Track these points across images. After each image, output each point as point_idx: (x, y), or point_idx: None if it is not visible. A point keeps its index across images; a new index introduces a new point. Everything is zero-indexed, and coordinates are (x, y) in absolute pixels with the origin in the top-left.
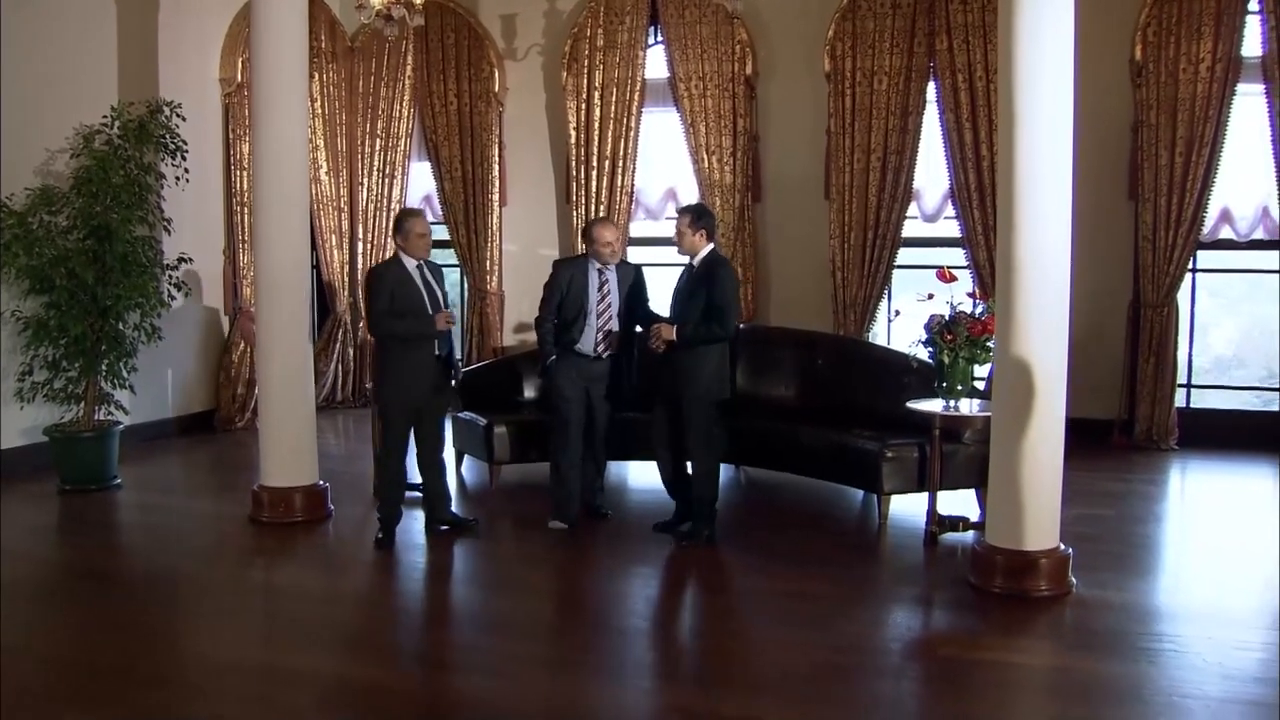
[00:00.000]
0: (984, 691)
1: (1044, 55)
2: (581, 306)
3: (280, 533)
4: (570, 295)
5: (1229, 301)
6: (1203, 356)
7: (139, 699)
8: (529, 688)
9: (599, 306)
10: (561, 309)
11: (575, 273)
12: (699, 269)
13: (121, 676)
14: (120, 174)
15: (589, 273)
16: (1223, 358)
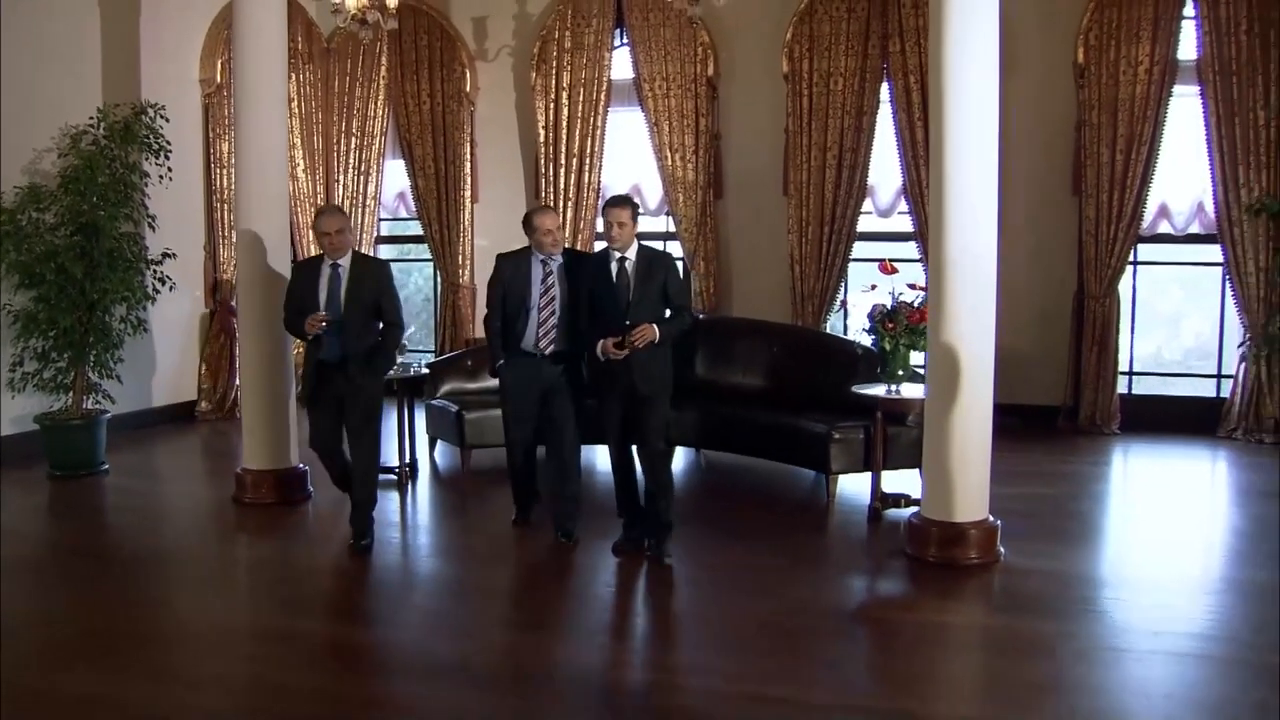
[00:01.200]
0: (916, 647)
1: (970, 72)
2: (523, 301)
3: (262, 512)
4: (513, 290)
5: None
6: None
7: (134, 657)
8: (494, 645)
9: (541, 301)
10: (505, 304)
11: (518, 266)
12: (640, 263)
13: (117, 638)
14: (106, 173)
15: (532, 265)
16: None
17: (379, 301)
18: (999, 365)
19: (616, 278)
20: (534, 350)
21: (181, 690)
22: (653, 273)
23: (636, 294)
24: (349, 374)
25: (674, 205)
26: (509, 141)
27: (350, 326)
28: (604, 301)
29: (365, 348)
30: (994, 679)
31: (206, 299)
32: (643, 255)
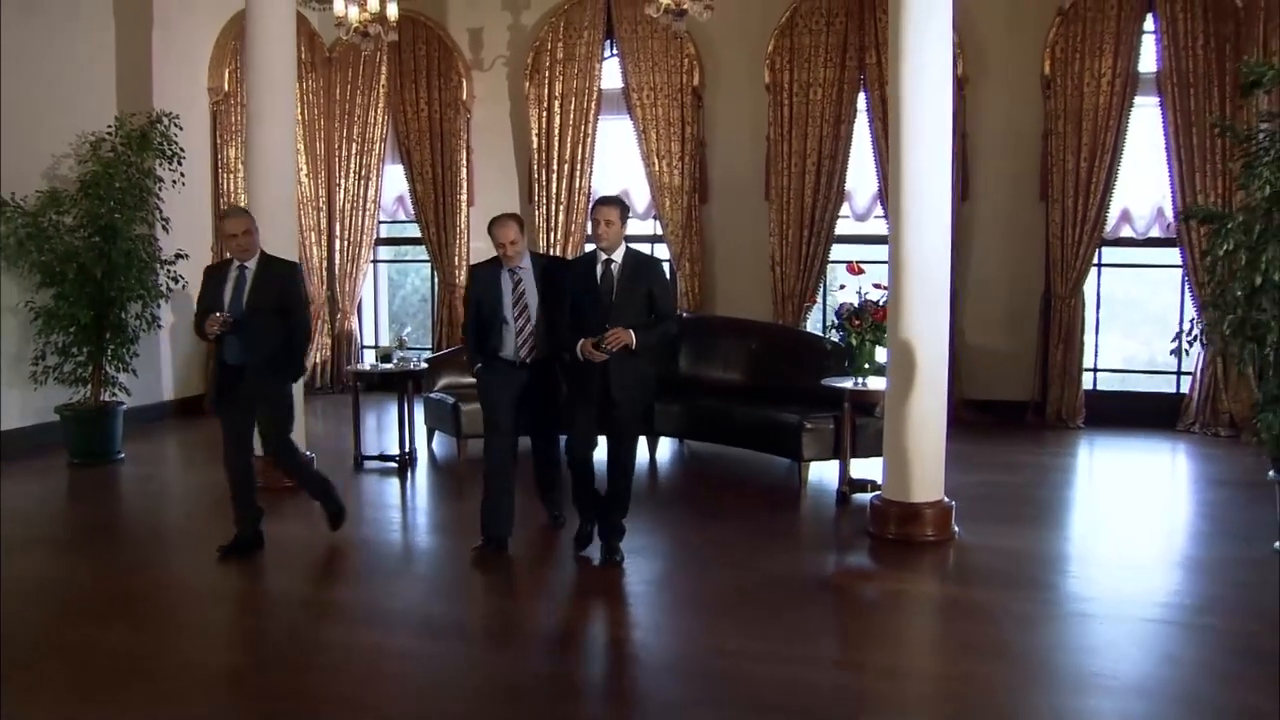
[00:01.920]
0: (873, 611)
1: (925, 90)
2: (496, 312)
3: (271, 496)
4: (486, 301)
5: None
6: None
7: (151, 612)
8: (483, 607)
9: (514, 311)
10: (479, 314)
11: (489, 277)
12: (626, 266)
13: (134, 599)
14: (123, 178)
15: (502, 276)
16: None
17: (285, 303)
18: (971, 363)
19: (601, 279)
20: (514, 358)
21: (206, 643)
22: (638, 277)
23: (619, 297)
24: (250, 377)
25: (661, 209)
26: (504, 147)
27: (252, 328)
28: (586, 303)
29: (269, 350)
30: (942, 637)
31: None
32: (630, 259)
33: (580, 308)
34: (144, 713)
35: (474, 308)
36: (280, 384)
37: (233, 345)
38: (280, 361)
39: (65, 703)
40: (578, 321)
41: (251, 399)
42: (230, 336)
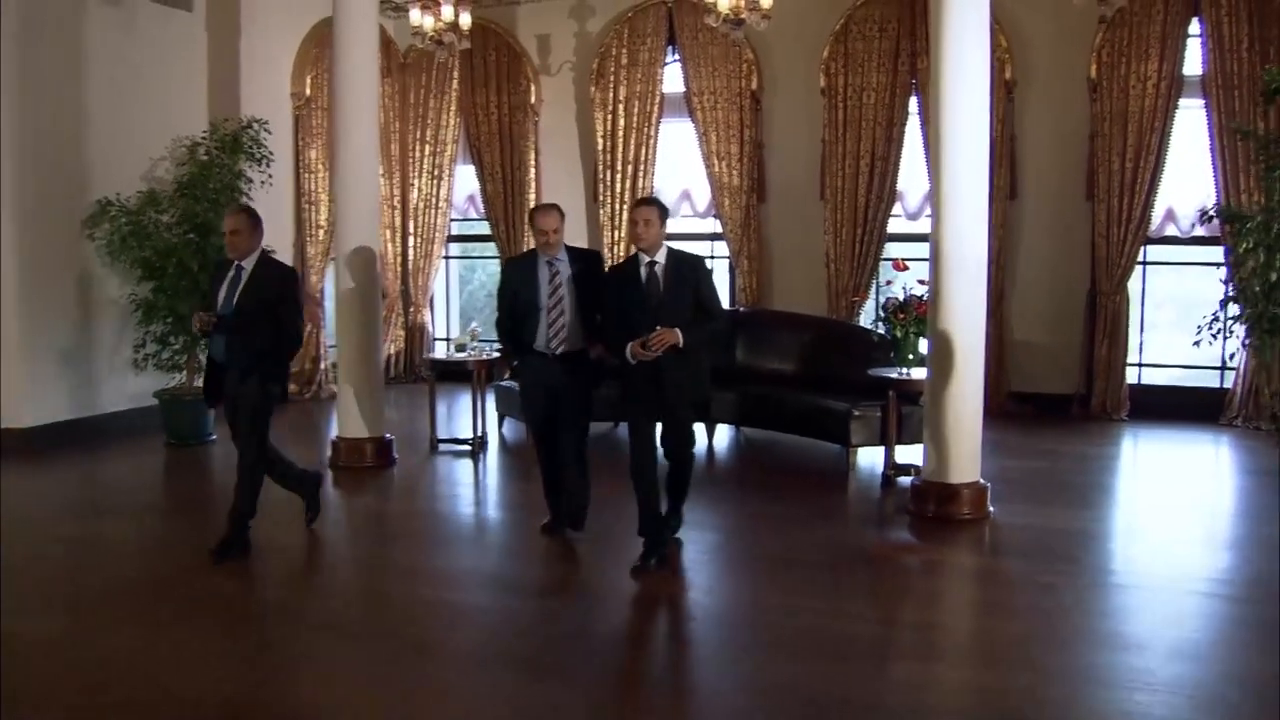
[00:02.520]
0: (908, 577)
1: (964, 101)
2: (532, 303)
3: (355, 474)
4: (521, 293)
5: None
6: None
7: (248, 568)
8: (549, 567)
9: (549, 302)
10: (515, 308)
11: (524, 270)
12: (669, 266)
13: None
14: (217, 180)
15: (539, 268)
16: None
17: (276, 306)
18: (1018, 357)
19: (646, 281)
20: (545, 350)
21: (302, 593)
22: (682, 276)
23: (665, 297)
24: (231, 375)
25: (720, 208)
26: (570, 149)
27: (236, 328)
28: (632, 305)
29: (252, 351)
30: (972, 600)
31: None
32: (672, 259)
33: (627, 312)
34: (257, 645)
35: (508, 299)
36: (256, 384)
37: (218, 343)
38: (263, 363)
39: (194, 638)
40: (625, 326)
41: (234, 396)
42: (216, 334)
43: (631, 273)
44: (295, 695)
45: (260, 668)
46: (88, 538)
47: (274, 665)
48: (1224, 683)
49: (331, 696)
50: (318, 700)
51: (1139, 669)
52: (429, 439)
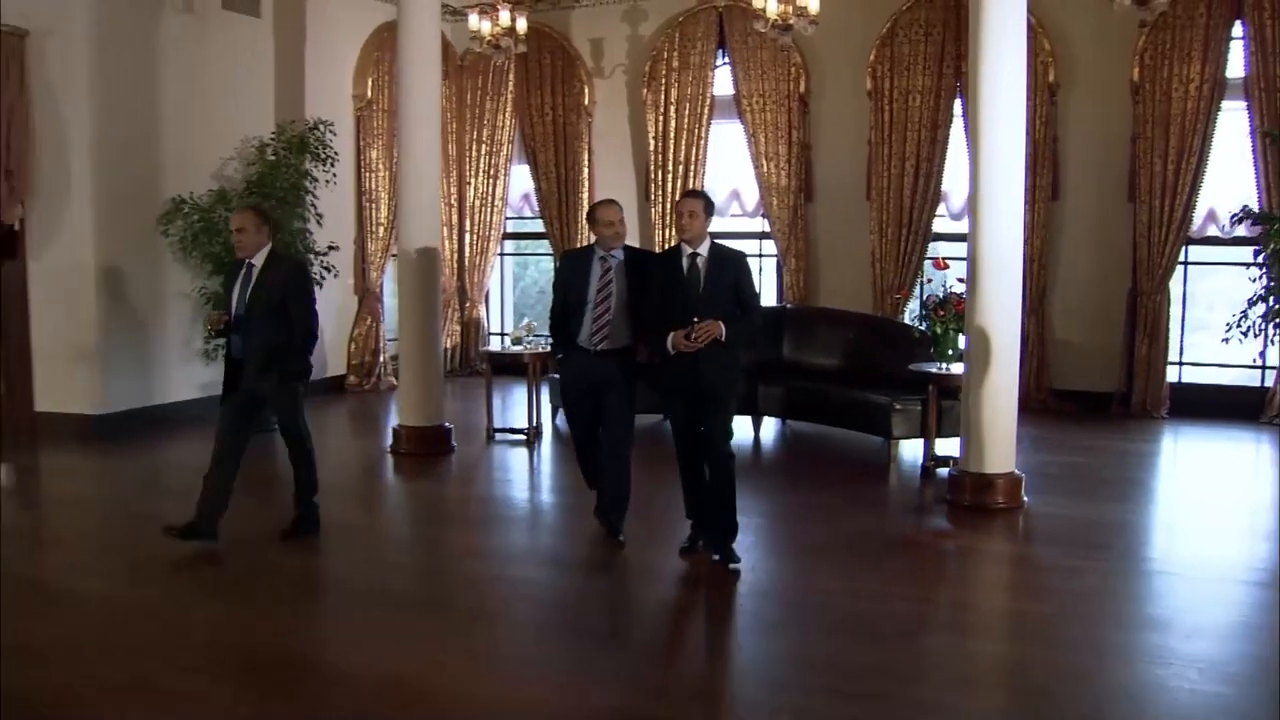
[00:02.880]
0: (943, 560)
1: (1001, 103)
2: (580, 298)
3: (415, 460)
4: (572, 287)
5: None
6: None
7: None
8: (600, 548)
9: (597, 297)
10: (566, 301)
11: (578, 264)
12: (712, 259)
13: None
14: (284, 179)
15: (592, 263)
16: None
17: (287, 301)
18: (1059, 355)
19: (687, 273)
20: (588, 345)
21: (367, 568)
22: (724, 270)
23: (706, 289)
24: (248, 372)
25: (769, 208)
26: (622, 149)
27: (249, 325)
28: (673, 296)
29: (266, 347)
30: (1004, 582)
31: (356, 286)
32: (715, 252)
33: (667, 301)
34: (326, 614)
35: (560, 293)
36: (277, 381)
37: (235, 341)
38: (277, 358)
39: (270, 607)
40: (665, 315)
41: (250, 392)
42: (233, 333)
43: (674, 263)
44: (363, 659)
45: (332, 634)
46: (166, 515)
47: (344, 632)
48: (1240, 661)
49: (399, 662)
50: (385, 664)
51: (1158, 646)
52: (485, 428)
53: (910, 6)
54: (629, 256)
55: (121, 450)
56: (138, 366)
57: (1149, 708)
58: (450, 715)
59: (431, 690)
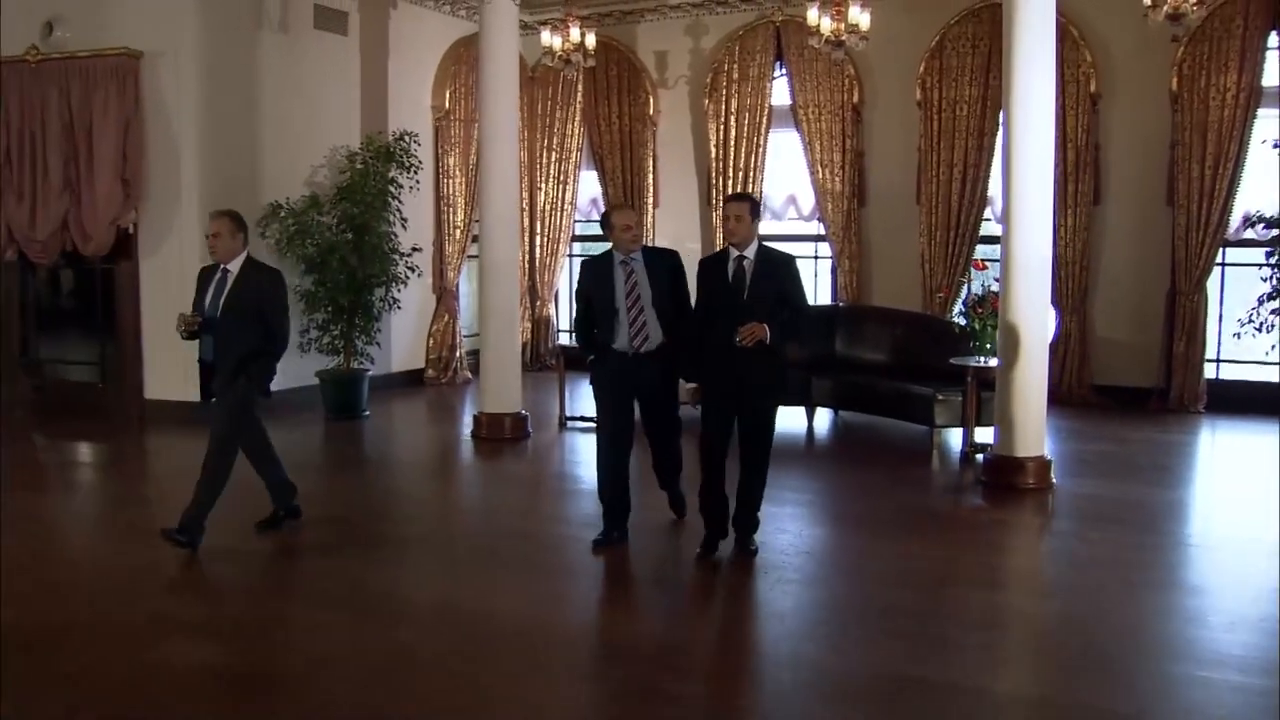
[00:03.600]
0: (975, 529)
1: (1032, 116)
2: (610, 303)
3: (494, 444)
4: (598, 294)
5: None
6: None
7: (411, 514)
8: (668, 513)
9: (627, 301)
10: (590, 308)
11: (599, 271)
12: (759, 261)
13: (386, 508)
14: (371, 186)
15: (614, 268)
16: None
17: (262, 310)
18: (1100, 352)
19: (733, 276)
20: (628, 349)
21: (461, 531)
22: (770, 273)
23: (752, 292)
24: (218, 376)
25: (824, 212)
26: (685, 156)
27: (220, 330)
28: (719, 298)
29: (238, 353)
30: (1030, 547)
31: (434, 285)
32: (762, 255)
33: (713, 303)
34: (429, 569)
35: (584, 302)
36: (235, 388)
37: (206, 344)
38: (248, 365)
39: (378, 564)
40: (711, 317)
41: (220, 396)
42: (205, 335)
43: (720, 266)
44: (469, 596)
45: (445, 580)
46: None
47: (454, 578)
48: (1249, 623)
49: (499, 603)
50: (488, 604)
51: (1164, 600)
52: (558, 416)
53: (958, 21)
54: (648, 256)
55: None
56: None
57: (1146, 641)
58: (536, 641)
59: (526, 624)
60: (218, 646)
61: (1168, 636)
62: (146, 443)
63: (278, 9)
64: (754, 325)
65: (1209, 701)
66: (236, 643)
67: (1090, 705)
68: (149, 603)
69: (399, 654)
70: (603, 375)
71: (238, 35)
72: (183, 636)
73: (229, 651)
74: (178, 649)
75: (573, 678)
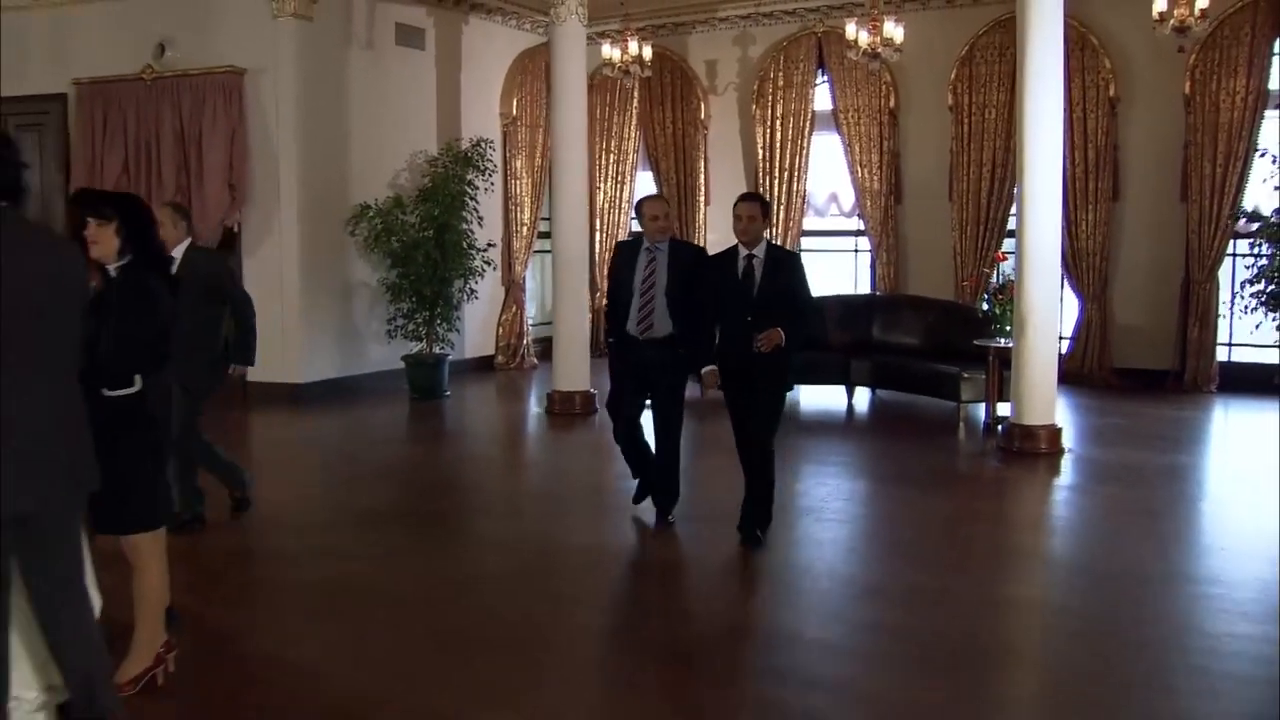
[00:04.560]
0: (989, 485)
1: (1041, 119)
2: (626, 286)
3: (566, 419)
4: (621, 275)
5: None
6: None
7: (474, 482)
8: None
9: (642, 286)
10: (616, 289)
11: (627, 253)
12: (768, 260)
13: (462, 478)
14: (451, 187)
15: (639, 253)
16: None
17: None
18: (1119, 337)
19: (743, 274)
20: (634, 333)
21: (548, 491)
22: (779, 271)
23: (761, 290)
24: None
25: (863, 209)
26: (734, 158)
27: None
28: (730, 296)
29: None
30: (1033, 496)
31: (503, 278)
32: (771, 253)
33: (724, 301)
34: (526, 518)
35: (614, 282)
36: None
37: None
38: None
39: (468, 527)
40: (722, 314)
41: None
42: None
43: (730, 264)
44: (550, 533)
45: (528, 522)
46: (360, 457)
47: (535, 520)
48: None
49: (574, 537)
50: (565, 537)
51: (1154, 528)
52: None
53: (986, 31)
54: (672, 248)
55: (318, 412)
56: (331, 344)
57: (1135, 560)
58: (624, 569)
59: (606, 555)
60: (364, 566)
61: (1156, 557)
62: (252, 420)
63: (364, 28)
64: (771, 332)
65: (1182, 608)
66: (384, 565)
67: (1070, 609)
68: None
69: (507, 573)
70: (618, 361)
71: (329, 53)
72: (334, 559)
73: (376, 571)
74: (329, 569)
75: (632, 585)
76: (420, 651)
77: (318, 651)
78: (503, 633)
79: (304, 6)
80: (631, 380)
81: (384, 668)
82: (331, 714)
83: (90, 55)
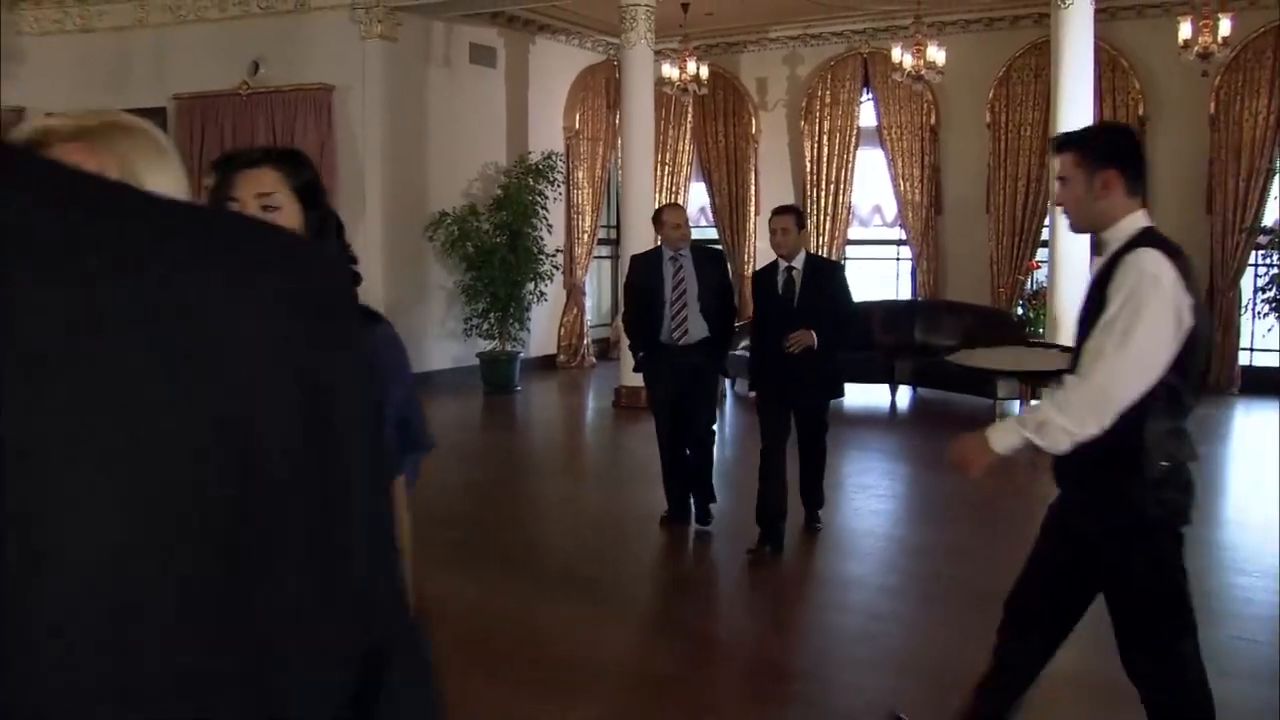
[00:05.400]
0: (1027, 470)
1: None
2: (656, 296)
3: (632, 412)
4: (647, 288)
5: None
6: None
7: (543, 465)
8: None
9: (673, 294)
10: (639, 302)
11: (648, 265)
12: (807, 271)
13: (532, 461)
14: (523, 197)
15: (663, 262)
16: None
17: None
18: None
19: (783, 287)
20: (669, 341)
21: (621, 468)
22: (819, 280)
23: (801, 302)
24: None
25: (905, 220)
26: (783, 171)
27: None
28: (769, 308)
29: None
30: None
31: (565, 282)
32: (810, 264)
33: (764, 314)
34: (630, 483)
35: (634, 295)
36: None
37: None
38: None
39: (563, 497)
40: (765, 328)
41: None
42: None
43: (770, 279)
44: (616, 503)
45: (600, 495)
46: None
47: (605, 493)
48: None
49: (638, 506)
50: (628, 506)
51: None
52: None
53: (1023, 53)
54: (696, 253)
55: None
56: (409, 342)
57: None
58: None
59: (654, 513)
60: (465, 529)
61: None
62: None
63: (442, 48)
64: (801, 333)
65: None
66: (480, 525)
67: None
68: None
69: (577, 530)
70: (652, 374)
71: (410, 70)
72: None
73: (486, 528)
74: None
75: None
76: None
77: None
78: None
79: (389, 29)
80: (667, 389)
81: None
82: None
83: (189, 72)
